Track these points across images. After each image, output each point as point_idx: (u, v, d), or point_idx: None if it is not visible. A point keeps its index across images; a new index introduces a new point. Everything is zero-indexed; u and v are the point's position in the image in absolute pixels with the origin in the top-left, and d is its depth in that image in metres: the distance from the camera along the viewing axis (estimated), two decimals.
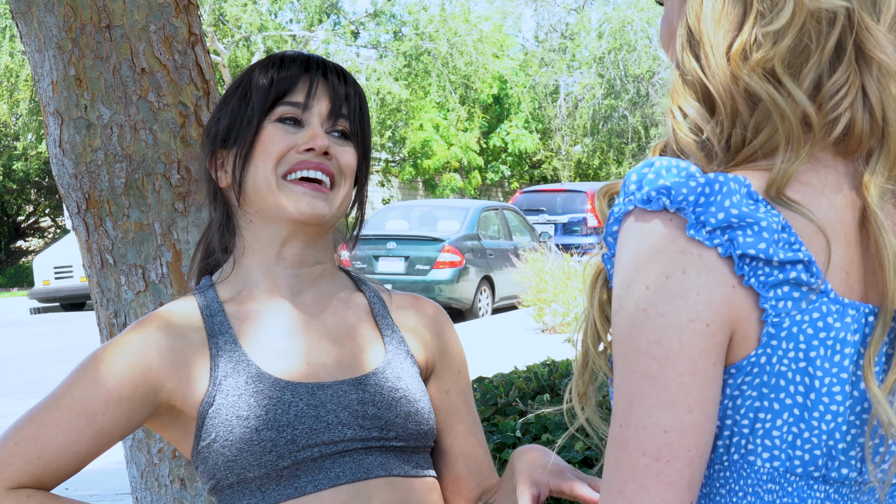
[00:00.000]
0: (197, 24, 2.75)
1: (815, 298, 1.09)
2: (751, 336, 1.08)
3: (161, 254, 2.67)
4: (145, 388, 1.57)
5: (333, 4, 27.96)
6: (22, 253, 28.08)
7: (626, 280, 1.08)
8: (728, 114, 1.12)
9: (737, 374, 1.09)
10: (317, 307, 1.69)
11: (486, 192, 32.41)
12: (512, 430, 3.42)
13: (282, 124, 1.65)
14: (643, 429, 1.05)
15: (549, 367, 4.31)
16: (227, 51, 24.50)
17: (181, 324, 1.63)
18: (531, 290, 13.34)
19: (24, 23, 2.71)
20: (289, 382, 1.60)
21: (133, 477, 2.78)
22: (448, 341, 1.78)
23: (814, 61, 1.12)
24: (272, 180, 1.63)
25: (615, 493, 1.07)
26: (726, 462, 1.12)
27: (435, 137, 28.62)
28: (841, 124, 1.12)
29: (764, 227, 1.06)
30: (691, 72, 1.13)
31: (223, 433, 1.57)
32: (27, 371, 11.07)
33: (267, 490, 1.57)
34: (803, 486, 1.12)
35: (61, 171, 2.71)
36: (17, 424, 1.55)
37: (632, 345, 1.07)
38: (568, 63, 31.83)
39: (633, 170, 1.11)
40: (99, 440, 1.55)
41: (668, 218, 1.07)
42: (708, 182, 1.07)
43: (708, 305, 1.06)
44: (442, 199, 25.39)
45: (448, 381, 1.76)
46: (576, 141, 32.02)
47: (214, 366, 1.60)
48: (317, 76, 1.67)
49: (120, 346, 1.59)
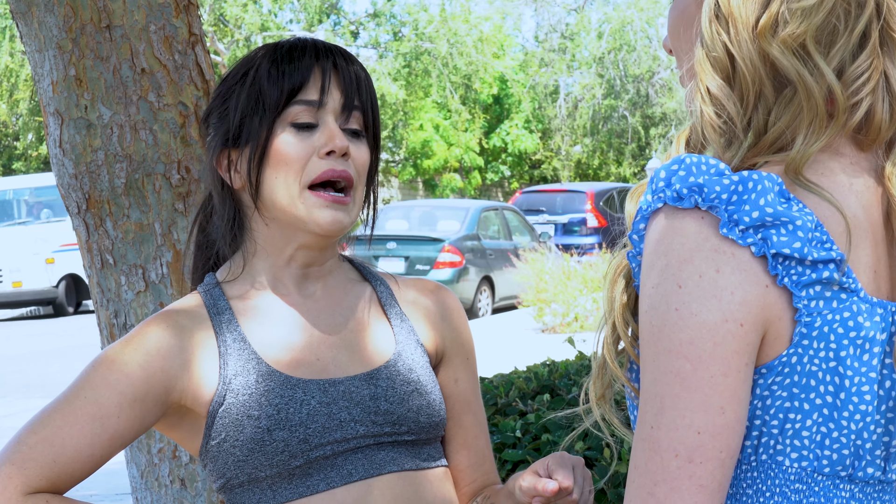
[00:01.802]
0: (197, 24, 2.75)
1: (845, 298, 1.08)
2: (783, 336, 1.07)
3: (161, 254, 2.67)
4: (158, 389, 1.55)
5: (333, 4, 27.97)
6: None
7: (656, 279, 1.07)
8: (752, 92, 1.10)
9: (767, 375, 1.08)
10: (325, 302, 1.66)
11: (486, 192, 32.41)
12: (512, 430, 3.42)
13: (295, 129, 1.59)
14: (675, 430, 1.04)
15: (549, 368, 4.31)
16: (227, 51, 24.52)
17: (188, 323, 1.60)
18: (531, 290, 13.34)
19: (25, 23, 2.71)
20: (300, 380, 1.58)
21: (133, 477, 2.78)
22: (458, 327, 1.75)
23: (841, 44, 1.10)
24: (294, 191, 1.58)
25: (645, 495, 1.05)
26: (754, 462, 1.11)
27: (435, 138, 28.63)
28: (861, 110, 1.11)
29: (799, 226, 1.05)
30: (718, 47, 1.11)
31: (234, 433, 1.55)
32: (27, 371, 11.07)
33: (278, 489, 1.56)
34: (829, 485, 1.11)
35: (61, 172, 2.71)
36: (29, 427, 1.52)
37: (663, 345, 1.05)
38: (568, 63, 31.84)
39: (661, 167, 1.09)
40: (113, 442, 1.53)
41: (700, 216, 1.06)
42: (741, 180, 1.05)
43: (742, 305, 1.04)
44: (442, 199, 25.41)
45: (458, 368, 1.73)
46: (576, 141, 32.03)
47: (223, 364, 1.58)
48: (328, 67, 1.60)
49: (130, 346, 1.56)
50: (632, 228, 1.13)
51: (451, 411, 1.72)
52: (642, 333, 1.08)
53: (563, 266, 13.33)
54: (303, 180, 1.58)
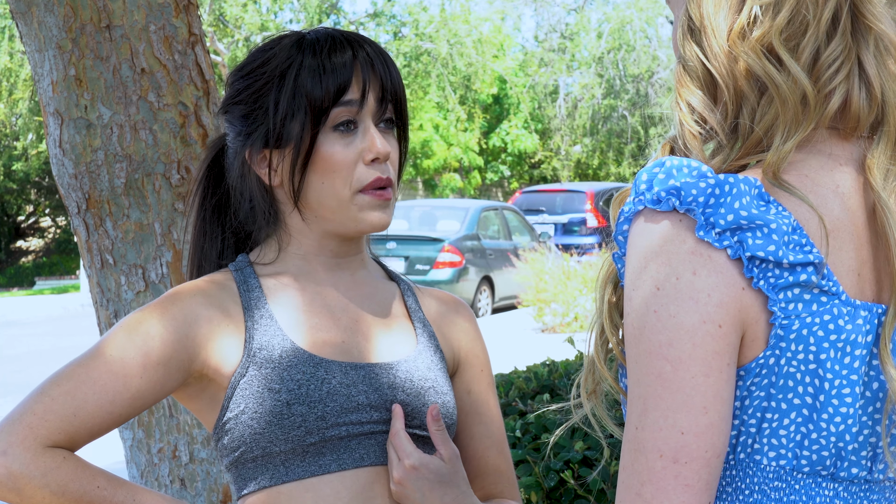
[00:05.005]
0: (197, 24, 2.76)
1: (825, 301, 1.08)
2: (759, 338, 1.08)
3: (161, 254, 2.68)
4: (182, 355, 1.56)
5: (333, 4, 27.97)
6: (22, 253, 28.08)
7: (636, 281, 1.08)
8: (733, 99, 1.11)
9: (746, 377, 1.09)
10: (353, 291, 1.68)
11: (485, 192, 32.41)
12: (512, 430, 3.42)
13: (338, 133, 1.59)
14: (659, 430, 1.05)
15: (548, 367, 4.31)
16: (227, 51, 24.51)
17: (218, 294, 1.62)
18: (531, 290, 13.34)
19: (24, 23, 2.71)
20: (323, 359, 1.59)
21: (133, 477, 2.78)
22: (473, 340, 1.77)
23: (811, 34, 1.11)
24: (344, 196, 1.60)
25: (633, 495, 1.06)
26: (732, 461, 1.12)
27: (435, 137, 28.63)
28: (836, 97, 1.12)
29: (774, 228, 1.06)
30: (693, 59, 1.13)
31: (253, 405, 1.56)
32: (27, 371, 11.07)
33: (291, 465, 1.56)
34: (811, 483, 1.12)
35: (61, 172, 2.71)
36: (52, 380, 1.52)
37: (644, 347, 1.06)
38: (567, 63, 31.83)
39: (643, 169, 1.10)
40: (134, 402, 1.53)
41: (678, 219, 1.07)
42: (718, 183, 1.06)
43: (719, 307, 1.05)
44: (442, 199, 25.39)
45: (471, 381, 1.75)
46: (575, 141, 32.03)
47: (249, 338, 1.59)
48: (366, 64, 1.60)
49: (159, 310, 1.57)
50: (616, 230, 1.14)
51: (462, 423, 1.73)
52: (626, 334, 1.09)
53: (562, 266, 13.33)
54: (353, 186, 1.60)
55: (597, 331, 1.19)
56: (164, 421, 2.73)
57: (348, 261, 1.69)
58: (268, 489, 1.57)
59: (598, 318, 1.19)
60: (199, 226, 1.74)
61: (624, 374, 1.18)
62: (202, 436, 2.73)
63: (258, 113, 1.62)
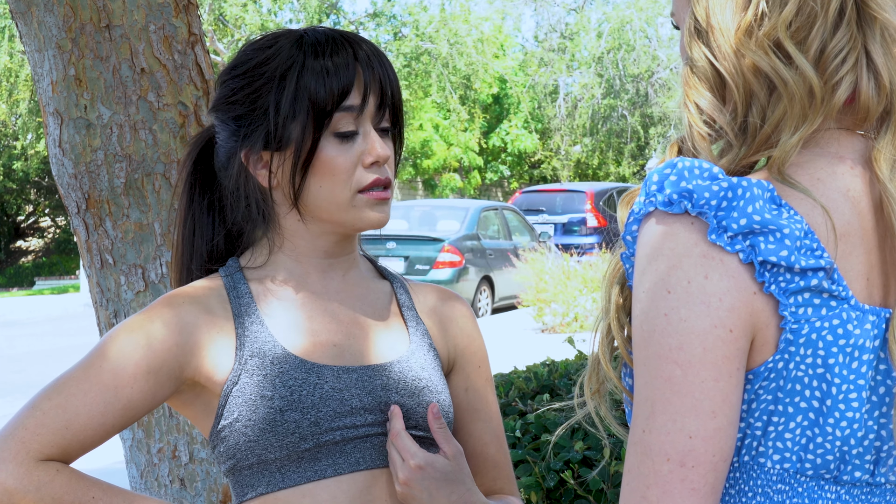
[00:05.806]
0: (197, 24, 2.75)
1: (835, 305, 1.08)
2: (769, 342, 1.07)
3: (161, 254, 2.68)
4: (172, 364, 1.55)
5: (333, 4, 27.97)
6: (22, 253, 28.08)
7: (646, 284, 1.07)
8: (742, 98, 1.11)
9: (754, 381, 1.08)
10: (344, 293, 1.67)
11: (485, 192, 32.41)
12: (512, 430, 3.42)
13: (339, 138, 1.58)
14: (667, 434, 1.04)
15: (548, 368, 4.31)
16: (227, 51, 24.51)
17: (207, 302, 1.61)
18: (531, 290, 13.34)
19: (24, 23, 2.71)
20: (314, 364, 1.59)
21: (133, 477, 2.78)
22: (470, 335, 1.76)
23: (819, 26, 1.10)
24: (343, 198, 1.59)
25: (638, 498, 1.05)
26: (736, 464, 1.12)
27: (435, 137, 28.63)
28: (842, 88, 1.11)
29: (786, 233, 1.05)
30: (701, 60, 1.12)
31: (246, 413, 1.55)
32: (27, 371, 11.07)
33: (287, 472, 1.56)
34: (814, 486, 1.12)
35: (61, 171, 2.71)
36: (43, 394, 1.52)
37: (653, 350, 1.06)
38: (567, 63, 31.83)
39: (654, 170, 1.10)
40: (126, 413, 1.53)
41: (690, 222, 1.06)
42: (731, 186, 1.06)
43: (730, 311, 1.05)
44: (442, 199, 25.40)
45: (468, 377, 1.74)
46: (575, 141, 32.03)
47: (240, 345, 1.58)
48: (367, 69, 1.58)
49: (148, 319, 1.56)
50: (625, 230, 1.13)
51: (461, 420, 1.72)
52: (634, 337, 1.08)
53: (562, 266, 13.33)
54: (352, 188, 1.59)
55: (602, 330, 1.18)
56: (163, 421, 2.73)
57: (341, 261, 1.67)
58: (265, 496, 1.57)
59: (604, 318, 1.18)
60: (190, 225, 1.71)
61: (628, 374, 1.17)
62: (202, 436, 2.73)
63: (256, 114, 1.60)
